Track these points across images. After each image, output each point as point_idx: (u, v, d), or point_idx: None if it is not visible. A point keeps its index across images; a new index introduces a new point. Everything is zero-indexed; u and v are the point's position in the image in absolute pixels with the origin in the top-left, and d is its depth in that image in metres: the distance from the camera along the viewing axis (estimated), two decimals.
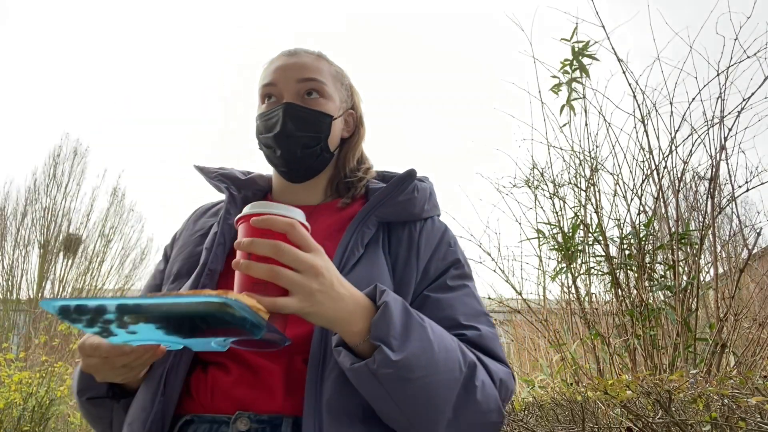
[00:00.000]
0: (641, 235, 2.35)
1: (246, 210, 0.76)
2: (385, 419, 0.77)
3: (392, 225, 0.97)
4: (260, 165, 1.12)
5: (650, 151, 2.44)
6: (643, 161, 2.51)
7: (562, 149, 2.78)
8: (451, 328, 0.84)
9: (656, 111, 2.45)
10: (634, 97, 2.47)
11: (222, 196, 1.05)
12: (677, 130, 2.38)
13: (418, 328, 0.75)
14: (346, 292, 0.72)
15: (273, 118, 0.96)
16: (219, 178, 1.03)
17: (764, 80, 2.15)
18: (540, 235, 2.82)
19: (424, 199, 0.97)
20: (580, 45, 2.66)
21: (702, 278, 2.34)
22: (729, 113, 2.23)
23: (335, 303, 0.70)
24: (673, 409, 0.95)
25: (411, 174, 0.97)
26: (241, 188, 1.03)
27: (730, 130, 2.22)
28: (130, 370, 0.75)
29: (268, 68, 1.00)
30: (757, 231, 2.22)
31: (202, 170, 1.07)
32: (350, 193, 1.01)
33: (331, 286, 0.69)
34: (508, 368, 0.87)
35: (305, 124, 0.95)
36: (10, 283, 10.63)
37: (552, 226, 2.71)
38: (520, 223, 2.97)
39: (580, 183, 2.70)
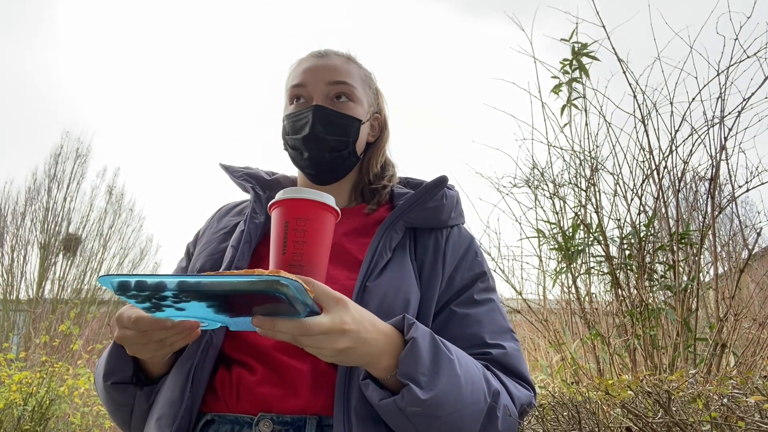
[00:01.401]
0: (641, 235, 2.35)
1: (279, 195, 0.78)
2: None
3: (418, 231, 0.96)
4: (260, 165, 1.12)
5: (650, 151, 2.44)
6: (643, 161, 2.51)
7: (562, 149, 2.78)
8: (476, 346, 0.85)
9: (656, 111, 2.45)
10: (635, 97, 2.47)
11: (244, 196, 1.06)
12: (677, 130, 2.38)
13: (446, 363, 0.74)
14: (375, 334, 0.71)
15: (302, 120, 0.95)
16: (244, 177, 1.04)
17: (764, 80, 2.15)
18: (540, 235, 2.82)
19: (451, 206, 0.97)
20: (579, 45, 2.66)
21: (702, 278, 2.34)
22: (729, 113, 2.23)
23: (364, 349, 0.70)
24: (673, 409, 0.95)
25: (442, 180, 0.96)
26: (265, 188, 1.03)
27: (730, 130, 2.22)
28: (163, 347, 0.74)
29: (297, 69, 1.00)
30: (757, 231, 2.22)
31: (227, 169, 1.07)
32: (375, 199, 1.01)
33: (358, 336, 0.69)
34: (531, 389, 0.87)
35: (334, 128, 0.95)
36: (9, 283, 10.63)
37: (552, 226, 2.71)
38: (520, 223, 2.97)
39: (581, 183, 2.70)
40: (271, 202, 0.79)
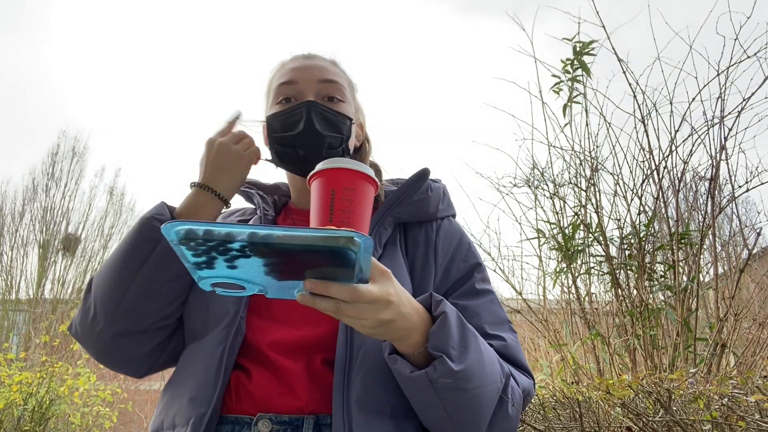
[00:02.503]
0: (641, 235, 2.35)
1: (321, 166, 0.77)
2: (429, 425, 0.78)
3: (408, 226, 0.96)
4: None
5: (650, 151, 2.44)
6: (643, 161, 2.51)
7: (562, 149, 2.78)
8: None
9: (656, 111, 2.45)
10: (635, 97, 2.47)
11: (246, 205, 1.06)
12: (677, 130, 2.38)
13: (473, 339, 0.75)
14: (410, 310, 0.71)
15: (294, 117, 0.93)
16: (246, 185, 1.04)
17: (764, 80, 2.15)
18: (540, 235, 2.82)
19: (438, 198, 0.97)
20: (581, 44, 2.66)
21: (702, 278, 2.34)
22: (729, 113, 2.23)
23: (402, 323, 0.70)
24: (674, 408, 0.95)
25: (425, 173, 0.96)
26: (267, 193, 1.04)
27: (730, 130, 2.22)
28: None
29: (283, 69, 0.99)
30: (757, 231, 2.22)
31: None
32: None
33: (398, 310, 0.68)
34: (531, 377, 0.88)
35: (329, 124, 0.93)
36: (9, 283, 10.62)
37: (552, 226, 2.71)
38: (520, 223, 2.97)
39: (581, 183, 2.70)
40: (311, 173, 0.78)
